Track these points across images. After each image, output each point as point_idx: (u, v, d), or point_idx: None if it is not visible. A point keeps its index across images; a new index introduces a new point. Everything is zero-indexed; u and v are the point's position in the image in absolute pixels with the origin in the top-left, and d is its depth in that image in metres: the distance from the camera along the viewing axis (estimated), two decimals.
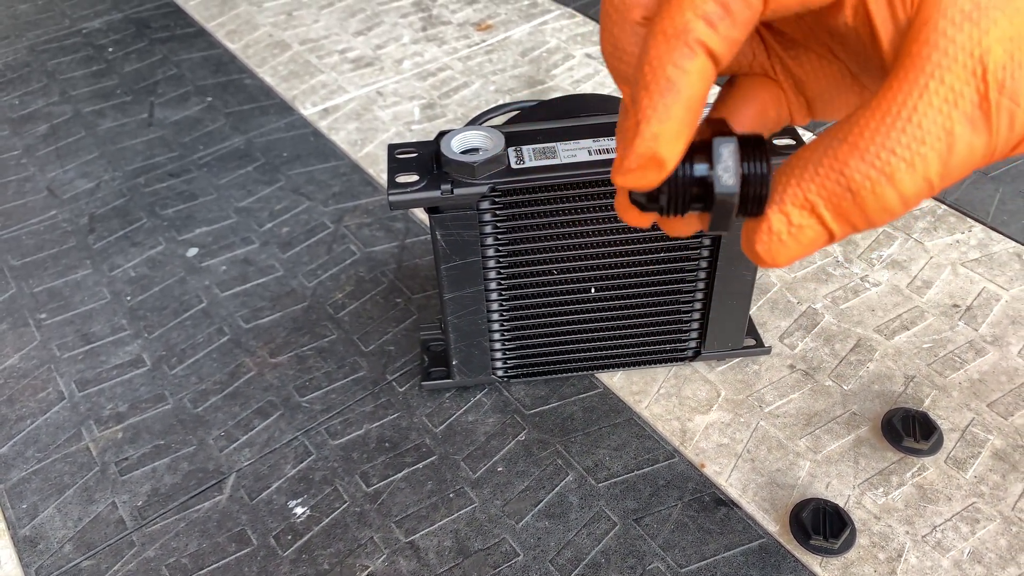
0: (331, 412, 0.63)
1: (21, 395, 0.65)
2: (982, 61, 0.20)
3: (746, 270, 0.57)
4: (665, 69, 0.22)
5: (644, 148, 0.22)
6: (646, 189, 0.24)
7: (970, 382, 0.61)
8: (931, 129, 0.21)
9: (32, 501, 0.58)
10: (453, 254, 0.54)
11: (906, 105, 0.21)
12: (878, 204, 0.22)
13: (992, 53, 0.20)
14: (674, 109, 0.22)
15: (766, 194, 0.23)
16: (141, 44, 1.08)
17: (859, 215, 0.22)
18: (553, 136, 0.53)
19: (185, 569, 0.54)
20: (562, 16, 1.08)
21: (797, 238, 0.23)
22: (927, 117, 0.21)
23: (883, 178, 0.21)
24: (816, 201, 0.22)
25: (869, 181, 0.22)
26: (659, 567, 0.52)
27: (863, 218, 0.22)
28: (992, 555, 0.52)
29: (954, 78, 0.21)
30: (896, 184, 0.21)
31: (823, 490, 0.56)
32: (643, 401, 0.62)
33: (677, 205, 0.24)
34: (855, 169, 0.22)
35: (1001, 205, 0.76)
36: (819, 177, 0.22)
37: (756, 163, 0.23)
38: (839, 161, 0.22)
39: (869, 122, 0.21)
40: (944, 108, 0.21)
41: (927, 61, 0.21)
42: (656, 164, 0.23)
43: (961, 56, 0.20)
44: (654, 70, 0.22)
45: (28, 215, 0.82)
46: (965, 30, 0.20)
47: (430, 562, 0.53)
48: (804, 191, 0.23)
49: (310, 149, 0.88)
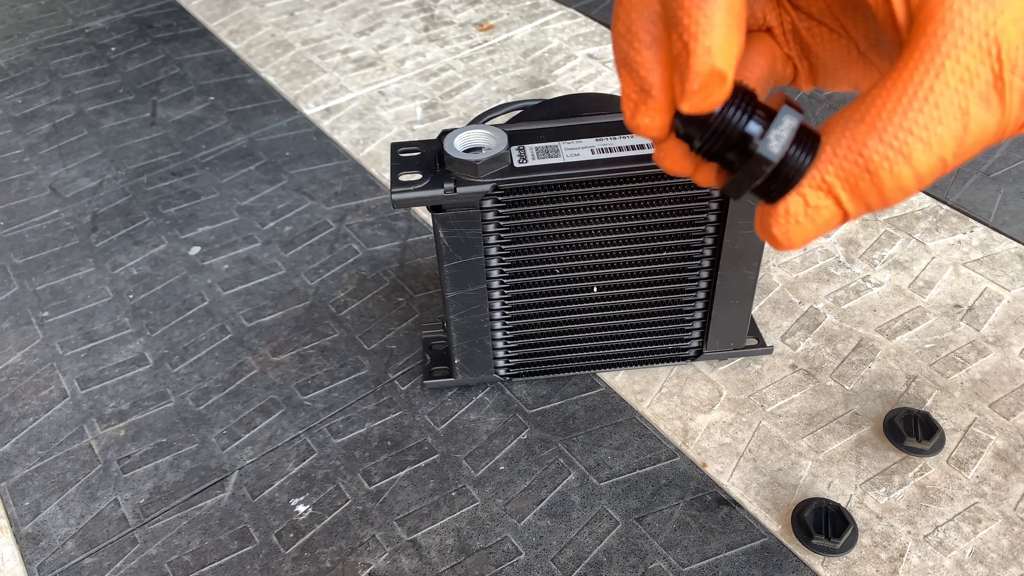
0: (333, 411, 0.63)
1: (24, 393, 0.65)
2: (996, 41, 0.21)
3: (748, 269, 0.58)
4: None
5: (701, 66, 0.22)
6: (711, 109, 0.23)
7: (972, 382, 0.62)
8: (948, 108, 0.21)
9: (34, 498, 0.58)
10: (455, 253, 0.54)
11: (922, 85, 0.21)
12: (895, 183, 0.22)
13: (1007, 33, 0.21)
14: (716, 17, 0.22)
15: (793, 183, 0.23)
16: (144, 44, 1.09)
17: (875, 194, 0.22)
18: (556, 135, 0.53)
19: (187, 567, 0.54)
20: (564, 17, 1.08)
21: (813, 219, 0.23)
22: (944, 96, 0.21)
23: (900, 158, 0.22)
24: (833, 182, 0.23)
25: (887, 161, 0.22)
26: (661, 566, 0.52)
27: (879, 197, 0.22)
28: (994, 555, 0.52)
29: (969, 57, 0.21)
30: (913, 163, 0.22)
31: (825, 490, 0.56)
32: (645, 400, 0.62)
33: (714, 146, 0.24)
34: (873, 150, 0.22)
35: (1003, 206, 0.76)
36: (837, 159, 0.22)
37: (804, 152, 0.23)
38: (857, 142, 0.22)
39: (886, 102, 0.22)
40: (960, 88, 0.21)
41: (943, 40, 0.21)
42: (718, 78, 0.23)
43: (976, 35, 0.21)
44: None
45: (31, 213, 0.82)
46: (980, 10, 0.21)
47: (432, 560, 0.53)
48: (822, 172, 0.23)
49: (312, 148, 0.88)
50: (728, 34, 0.22)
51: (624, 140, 0.53)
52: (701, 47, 0.22)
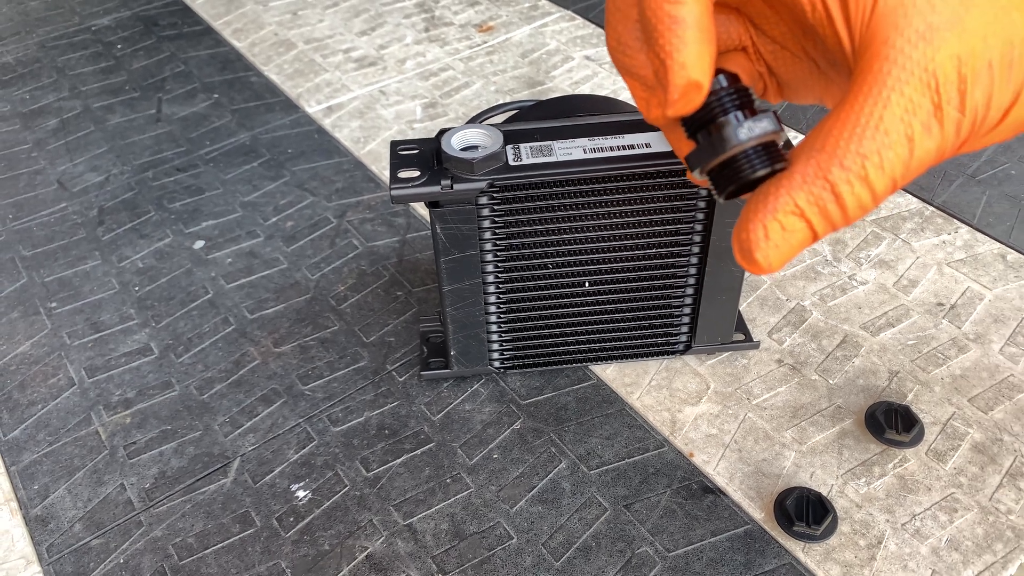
0: (333, 400, 0.65)
1: (32, 381, 0.67)
2: (935, 75, 0.23)
3: (735, 266, 0.59)
4: (662, 7, 0.25)
5: (678, 79, 0.25)
6: (693, 111, 0.26)
7: (952, 378, 0.63)
8: (896, 136, 0.24)
9: (43, 482, 0.60)
10: (452, 247, 0.56)
11: (872, 115, 0.24)
12: (856, 203, 0.25)
13: (943, 68, 0.23)
14: (688, 35, 0.25)
15: (740, 179, 0.26)
16: (149, 41, 1.10)
17: (840, 215, 0.25)
18: (550, 135, 0.55)
19: (191, 548, 0.56)
20: (562, 19, 1.10)
21: (789, 241, 0.26)
22: (892, 125, 0.24)
23: (859, 180, 0.24)
24: (805, 206, 0.25)
25: (848, 185, 0.24)
26: (647, 551, 0.54)
27: (843, 217, 0.25)
28: (969, 543, 0.54)
29: (912, 90, 0.23)
30: (870, 184, 0.24)
31: (807, 479, 0.58)
32: (635, 392, 0.64)
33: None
34: (836, 176, 0.24)
35: (987, 207, 0.78)
36: (806, 185, 0.25)
37: (764, 159, 0.26)
38: (822, 169, 0.25)
39: (842, 131, 0.24)
40: (905, 117, 0.24)
41: (888, 75, 0.24)
42: (695, 87, 0.26)
43: (917, 71, 0.23)
44: (653, 11, 0.25)
45: (39, 207, 0.84)
46: (920, 48, 0.23)
47: (427, 544, 0.55)
48: (795, 198, 0.25)
49: (314, 146, 0.90)
50: (700, 48, 0.25)
51: (615, 140, 0.55)
52: (676, 64, 0.25)
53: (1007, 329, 0.67)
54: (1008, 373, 0.64)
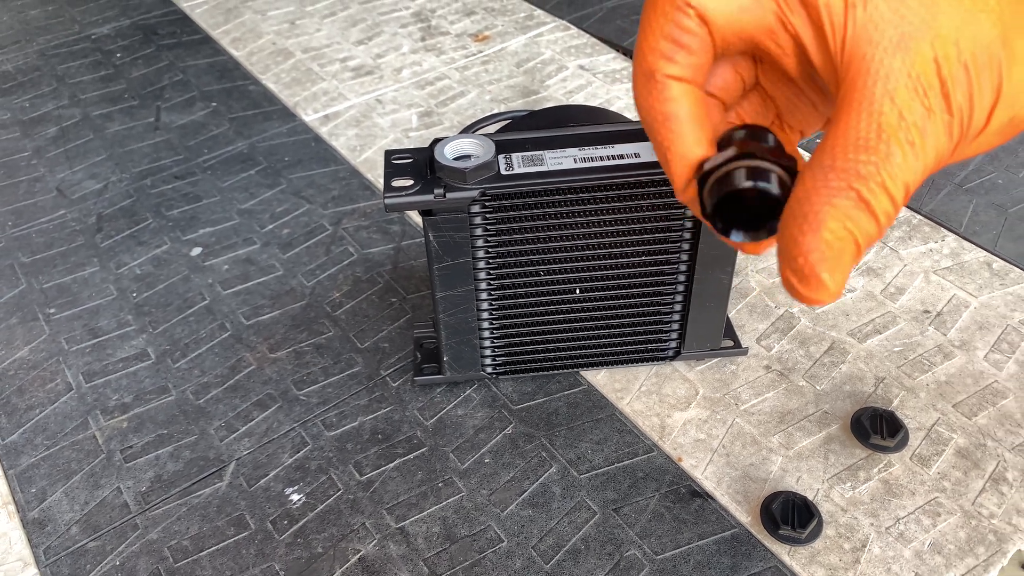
0: (327, 405, 0.65)
1: (31, 386, 0.68)
2: (920, 80, 0.24)
3: (723, 274, 0.60)
4: (654, 107, 0.27)
5: (680, 169, 0.28)
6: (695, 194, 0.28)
7: (937, 384, 0.64)
8: (897, 143, 0.24)
9: (41, 486, 0.61)
10: (445, 255, 0.57)
11: (871, 125, 0.24)
12: (883, 211, 0.25)
13: (925, 73, 0.24)
14: (683, 128, 0.27)
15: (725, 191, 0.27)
16: (148, 50, 1.12)
17: (873, 224, 0.25)
18: (541, 144, 0.56)
19: (186, 551, 0.57)
20: (557, 29, 1.11)
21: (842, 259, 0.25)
22: (892, 133, 0.24)
23: (879, 188, 0.24)
24: (844, 218, 0.25)
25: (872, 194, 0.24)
26: (636, 554, 0.55)
27: (877, 226, 0.25)
28: (952, 546, 0.55)
29: (902, 97, 0.24)
30: (888, 191, 0.24)
31: (794, 484, 0.59)
32: (625, 398, 0.65)
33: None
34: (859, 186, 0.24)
35: (974, 216, 0.79)
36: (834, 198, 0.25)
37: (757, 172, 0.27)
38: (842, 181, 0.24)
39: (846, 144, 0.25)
40: (902, 123, 0.24)
41: (874, 87, 0.24)
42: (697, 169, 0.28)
43: (902, 78, 0.24)
44: (648, 111, 0.28)
45: (38, 214, 0.85)
46: (899, 57, 0.24)
47: (419, 547, 0.56)
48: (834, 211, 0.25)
49: (311, 154, 0.91)
50: (695, 134, 0.27)
51: (605, 150, 0.56)
52: (675, 156, 0.28)
53: (992, 336, 0.68)
54: (992, 379, 0.65)
